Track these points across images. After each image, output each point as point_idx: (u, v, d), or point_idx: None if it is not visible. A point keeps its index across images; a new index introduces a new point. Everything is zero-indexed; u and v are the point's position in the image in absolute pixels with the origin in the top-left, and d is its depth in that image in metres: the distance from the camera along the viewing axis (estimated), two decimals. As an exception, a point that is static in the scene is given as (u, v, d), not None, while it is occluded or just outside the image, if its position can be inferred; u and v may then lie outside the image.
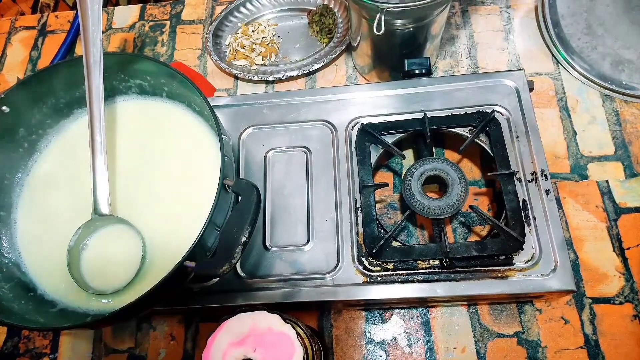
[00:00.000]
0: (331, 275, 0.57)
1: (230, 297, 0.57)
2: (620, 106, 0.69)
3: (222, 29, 0.81)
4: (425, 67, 0.65)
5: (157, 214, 0.56)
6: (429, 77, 0.65)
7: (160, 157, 0.59)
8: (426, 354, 0.58)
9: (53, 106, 0.61)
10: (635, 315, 0.57)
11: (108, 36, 0.85)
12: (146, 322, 0.63)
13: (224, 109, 0.68)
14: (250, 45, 0.78)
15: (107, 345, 0.62)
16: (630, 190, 0.63)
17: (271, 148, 0.65)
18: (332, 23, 0.78)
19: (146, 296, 0.44)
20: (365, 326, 0.60)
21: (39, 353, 0.62)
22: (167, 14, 0.86)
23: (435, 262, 0.55)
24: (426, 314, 0.60)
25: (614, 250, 0.60)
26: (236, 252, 0.46)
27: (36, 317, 0.51)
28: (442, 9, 0.60)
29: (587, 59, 0.70)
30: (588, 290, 0.59)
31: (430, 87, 0.65)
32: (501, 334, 0.58)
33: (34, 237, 0.58)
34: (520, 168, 0.58)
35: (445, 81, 0.65)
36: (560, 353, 0.56)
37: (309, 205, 0.61)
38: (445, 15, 0.64)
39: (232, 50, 0.79)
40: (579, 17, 0.73)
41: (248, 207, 0.48)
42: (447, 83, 0.65)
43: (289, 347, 0.40)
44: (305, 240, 0.59)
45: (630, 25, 0.72)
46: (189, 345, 0.61)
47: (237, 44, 0.78)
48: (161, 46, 0.83)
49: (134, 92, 0.63)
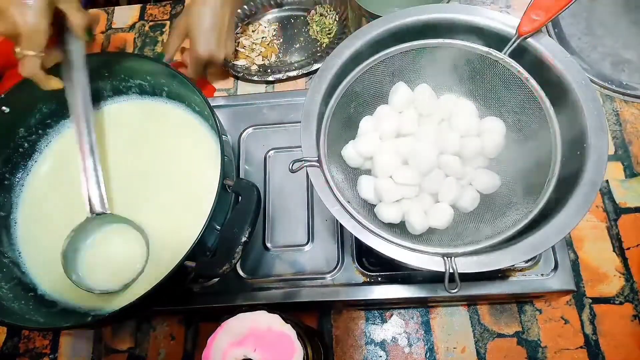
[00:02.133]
0: (331, 275, 0.57)
1: (230, 297, 0.57)
2: (620, 106, 0.69)
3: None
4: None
5: (157, 214, 0.56)
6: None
7: (160, 157, 0.59)
8: (426, 354, 0.58)
9: (53, 106, 0.61)
10: (635, 315, 0.57)
11: (108, 36, 0.85)
12: (146, 322, 0.63)
13: (224, 109, 0.68)
14: (250, 45, 0.78)
15: (107, 345, 0.62)
16: (630, 190, 0.63)
17: (271, 148, 0.65)
18: (332, 23, 0.78)
19: (146, 296, 0.44)
20: (365, 326, 0.60)
21: (39, 353, 0.62)
22: (167, 14, 0.86)
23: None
24: (426, 314, 0.60)
25: (614, 250, 0.60)
26: (236, 252, 0.46)
27: (36, 317, 0.51)
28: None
29: (587, 59, 0.70)
30: (588, 290, 0.59)
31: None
32: (501, 334, 0.58)
33: (34, 237, 0.58)
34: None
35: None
36: (560, 353, 0.56)
37: (309, 205, 0.61)
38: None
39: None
40: (579, 17, 0.73)
41: (248, 207, 0.48)
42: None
43: (289, 347, 0.40)
44: (305, 240, 0.59)
45: (631, 26, 0.72)
46: (189, 345, 0.61)
47: (237, 44, 0.79)
48: (161, 46, 0.83)
49: (134, 92, 0.63)
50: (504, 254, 0.41)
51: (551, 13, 0.46)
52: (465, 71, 0.51)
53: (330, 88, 0.49)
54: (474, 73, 0.51)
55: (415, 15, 0.50)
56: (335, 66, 0.49)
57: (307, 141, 0.47)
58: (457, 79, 0.53)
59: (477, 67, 0.50)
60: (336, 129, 0.49)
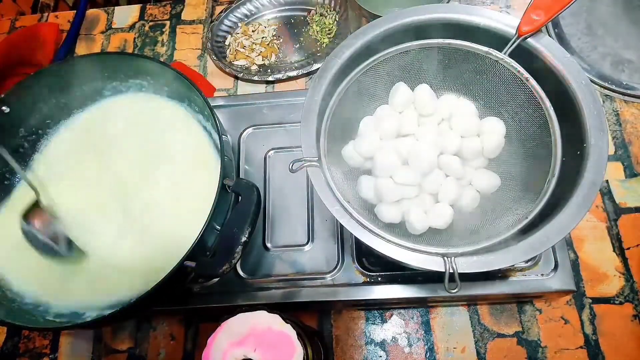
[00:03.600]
0: (331, 275, 0.57)
1: (230, 297, 0.57)
2: (620, 106, 0.69)
3: (222, 29, 0.81)
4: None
5: (157, 214, 0.56)
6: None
7: (159, 157, 0.59)
8: (426, 354, 0.58)
9: (53, 106, 0.61)
10: (635, 315, 0.57)
11: (108, 36, 0.85)
12: (146, 322, 0.63)
13: (224, 109, 0.68)
14: (250, 45, 0.78)
15: (107, 345, 0.62)
16: (630, 190, 0.63)
17: (271, 148, 0.65)
18: (332, 23, 0.78)
19: (146, 296, 0.44)
20: (365, 326, 0.60)
21: (39, 353, 0.62)
22: (167, 14, 0.86)
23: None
24: (426, 314, 0.60)
25: (614, 250, 0.60)
26: (236, 252, 0.46)
27: (36, 317, 0.51)
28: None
29: (588, 59, 0.70)
30: (588, 290, 0.59)
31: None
32: (501, 334, 0.58)
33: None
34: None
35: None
36: (560, 353, 0.56)
37: (309, 205, 0.61)
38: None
39: (232, 50, 0.79)
40: (579, 17, 0.73)
41: (248, 207, 0.48)
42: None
43: (289, 347, 0.40)
44: (305, 240, 0.59)
45: (631, 25, 0.72)
46: (189, 345, 0.61)
47: (237, 44, 0.78)
48: (161, 46, 0.83)
49: (134, 92, 0.63)
50: (504, 254, 0.41)
51: (551, 13, 0.46)
52: (466, 71, 0.51)
53: (330, 88, 0.49)
54: (474, 73, 0.51)
55: (415, 15, 0.50)
56: (335, 66, 0.49)
57: (307, 141, 0.47)
58: (457, 79, 0.53)
59: (477, 67, 0.50)
60: (336, 129, 0.49)
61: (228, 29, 0.81)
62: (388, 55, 0.49)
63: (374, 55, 0.49)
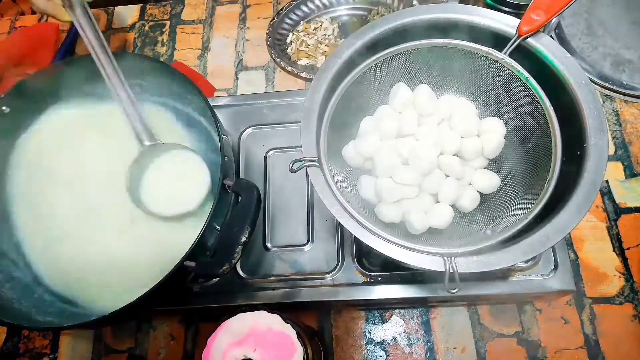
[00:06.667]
0: (331, 275, 0.57)
1: (230, 297, 0.57)
2: (620, 106, 0.69)
3: (283, 27, 0.78)
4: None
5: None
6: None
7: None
8: (426, 354, 0.58)
9: (53, 106, 0.61)
10: (635, 315, 0.57)
11: (108, 36, 0.84)
12: (146, 322, 0.63)
13: (224, 109, 0.68)
14: (314, 44, 0.76)
15: (107, 345, 0.62)
16: (630, 190, 0.63)
17: (271, 148, 0.65)
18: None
19: (146, 296, 0.44)
20: (365, 326, 0.60)
21: (39, 353, 0.62)
22: (167, 14, 0.86)
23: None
24: (426, 314, 0.60)
25: (614, 250, 0.60)
26: (236, 252, 0.46)
27: (36, 317, 0.51)
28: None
29: (588, 59, 0.70)
30: (588, 290, 0.59)
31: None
32: (501, 334, 0.58)
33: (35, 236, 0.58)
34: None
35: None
36: (560, 353, 0.56)
37: (309, 205, 0.61)
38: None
39: (295, 49, 0.77)
40: (579, 18, 0.73)
41: (248, 207, 0.48)
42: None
43: (289, 347, 0.40)
44: (305, 240, 0.59)
45: (631, 26, 0.72)
46: (189, 345, 0.61)
47: (299, 42, 0.77)
48: (161, 46, 0.83)
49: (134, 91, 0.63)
50: (504, 254, 0.41)
51: (551, 13, 0.46)
52: (465, 71, 0.51)
53: (330, 88, 0.49)
54: (474, 73, 0.51)
55: (415, 15, 0.50)
56: (335, 66, 0.49)
57: (307, 141, 0.47)
58: (457, 79, 0.53)
59: (477, 67, 0.50)
60: (336, 129, 0.49)
61: (289, 27, 0.79)
62: (388, 55, 0.49)
63: (374, 55, 0.49)
